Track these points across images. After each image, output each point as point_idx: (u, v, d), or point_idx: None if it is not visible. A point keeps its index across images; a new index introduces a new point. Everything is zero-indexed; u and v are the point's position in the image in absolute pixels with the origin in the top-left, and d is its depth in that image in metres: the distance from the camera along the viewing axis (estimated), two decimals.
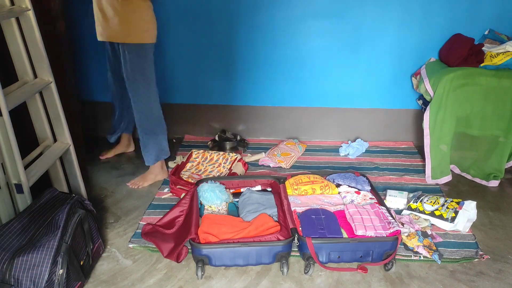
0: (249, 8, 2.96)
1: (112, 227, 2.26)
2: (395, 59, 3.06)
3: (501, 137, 2.65)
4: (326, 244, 1.91)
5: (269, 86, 3.20)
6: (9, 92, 1.87)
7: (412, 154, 3.12)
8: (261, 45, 3.07)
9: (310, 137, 3.32)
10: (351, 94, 3.19)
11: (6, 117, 1.73)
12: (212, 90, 3.24)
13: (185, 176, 2.67)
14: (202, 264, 1.89)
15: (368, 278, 1.91)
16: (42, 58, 2.01)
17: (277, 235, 1.93)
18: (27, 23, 1.93)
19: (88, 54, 3.17)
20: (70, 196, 1.87)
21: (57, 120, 2.14)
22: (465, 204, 2.25)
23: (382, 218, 2.04)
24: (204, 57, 3.14)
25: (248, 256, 1.91)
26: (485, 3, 2.86)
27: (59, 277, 1.60)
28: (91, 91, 3.29)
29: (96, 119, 3.37)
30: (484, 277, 1.93)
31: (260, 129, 3.35)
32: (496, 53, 2.64)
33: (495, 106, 2.58)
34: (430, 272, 1.95)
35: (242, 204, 2.25)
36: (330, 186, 2.37)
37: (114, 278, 1.90)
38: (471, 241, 2.15)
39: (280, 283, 1.88)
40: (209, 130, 3.36)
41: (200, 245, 1.89)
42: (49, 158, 2.06)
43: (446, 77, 2.54)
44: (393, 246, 1.92)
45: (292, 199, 2.25)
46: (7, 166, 1.80)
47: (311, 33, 3.02)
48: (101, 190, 2.61)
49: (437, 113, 2.58)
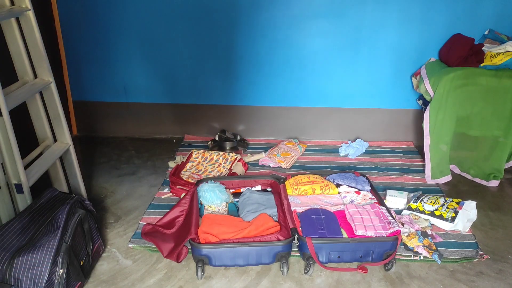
0: (249, 8, 2.96)
1: (112, 227, 2.26)
2: (395, 59, 3.06)
3: (501, 137, 2.65)
4: (326, 244, 1.91)
5: (269, 86, 3.20)
6: (9, 92, 1.87)
7: (412, 154, 3.12)
8: (261, 45, 3.07)
9: (310, 137, 3.32)
10: (351, 94, 3.19)
11: (6, 117, 1.73)
12: (212, 90, 3.24)
13: (185, 176, 2.67)
14: (202, 264, 1.89)
15: (368, 278, 1.91)
16: (42, 58, 2.01)
17: (277, 235, 1.93)
18: (27, 23, 1.93)
19: (84, 54, 3.17)
20: (70, 196, 1.87)
21: (57, 120, 2.14)
22: (465, 204, 2.25)
23: (382, 218, 2.04)
24: (204, 57, 3.14)
25: (248, 256, 1.91)
26: (485, 3, 2.86)
27: (59, 277, 1.60)
28: (87, 91, 3.30)
29: (93, 119, 3.37)
30: (484, 277, 1.93)
31: (260, 129, 3.35)
32: (496, 53, 2.64)
33: (495, 106, 2.58)
34: (430, 272, 1.95)
35: (242, 204, 2.25)
36: (330, 186, 2.37)
37: (114, 278, 1.90)
38: (471, 241, 2.15)
39: (280, 283, 1.88)
40: (209, 130, 3.36)
41: (200, 245, 1.89)
42: (49, 158, 2.06)
43: (446, 77, 2.54)
44: (393, 246, 1.92)
45: (292, 199, 2.25)
46: (7, 166, 1.80)
47: (311, 33, 3.02)
48: (101, 190, 2.61)
49: (437, 113, 2.58)
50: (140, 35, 3.09)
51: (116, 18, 3.04)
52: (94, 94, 3.30)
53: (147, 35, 3.09)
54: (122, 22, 3.05)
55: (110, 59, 3.17)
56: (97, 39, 3.11)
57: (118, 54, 3.15)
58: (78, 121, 3.38)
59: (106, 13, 3.02)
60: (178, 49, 3.12)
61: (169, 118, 3.37)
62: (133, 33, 3.08)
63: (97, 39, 3.11)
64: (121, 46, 3.12)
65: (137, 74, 3.21)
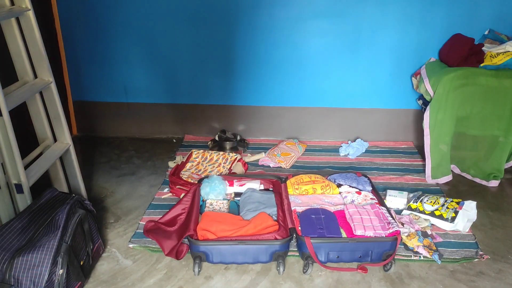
0: (249, 8, 2.96)
1: (112, 227, 2.26)
2: (395, 59, 3.06)
3: (501, 137, 2.65)
4: (325, 243, 1.91)
5: (269, 86, 3.20)
6: (9, 92, 1.87)
7: (412, 154, 3.12)
8: (261, 45, 3.07)
9: (310, 137, 3.32)
10: (351, 94, 3.19)
11: (6, 117, 1.73)
12: (212, 90, 3.24)
13: (185, 176, 2.67)
14: (200, 260, 1.89)
15: (368, 278, 1.91)
16: (42, 58, 2.01)
17: (275, 234, 1.93)
18: (27, 23, 1.94)
19: (84, 54, 3.17)
20: (70, 196, 1.87)
21: (57, 120, 2.14)
22: (465, 204, 2.25)
23: (381, 218, 2.04)
24: (204, 57, 3.14)
25: (245, 254, 1.92)
26: (485, 3, 2.86)
27: (59, 277, 1.60)
28: (87, 91, 3.30)
29: (92, 119, 3.38)
30: (484, 277, 1.92)
31: (260, 129, 3.35)
32: (496, 53, 2.63)
33: (495, 106, 2.58)
34: (430, 272, 1.95)
35: (242, 203, 2.25)
36: (331, 186, 2.37)
37: (114, 278, 1.90)
38: (471, 241, 2.15)
39: (280, 283, 1.88)
40: (209, 130, 3.36)
41: (197, 241, 1.90)
42: (49, 158, 2.06)
43: (446, 77, 2.54)
44: (392, 247, 1.92)
45: (293, 199, 2.25)
46: (7, 166, 1.80)
47: (311, 33, 3.02)
48: (101, 190, 2.61)
49: (437, 113, 2.58)
50: (140, 35, 3.09)
51: (116, 18, 3.04)
52: (94, 94, 3.30)
53: (147, 35, 3.09)
54: (122, 22, 3.05)
55: (110, 59, 3.17)
56: (97, 39, 3.11)
57: (118, 54, 3.15)
58: (78, 121, 3.38)
59: (106, 13, 3.02)
60: (178, 49, 3.12)
61: (169, 118, 3.37)
62: (133, 33, 3.08)
63: (97, 39, 3.11)
64: (121, 46, 3.12)
65: (137, 74, 3.22)
